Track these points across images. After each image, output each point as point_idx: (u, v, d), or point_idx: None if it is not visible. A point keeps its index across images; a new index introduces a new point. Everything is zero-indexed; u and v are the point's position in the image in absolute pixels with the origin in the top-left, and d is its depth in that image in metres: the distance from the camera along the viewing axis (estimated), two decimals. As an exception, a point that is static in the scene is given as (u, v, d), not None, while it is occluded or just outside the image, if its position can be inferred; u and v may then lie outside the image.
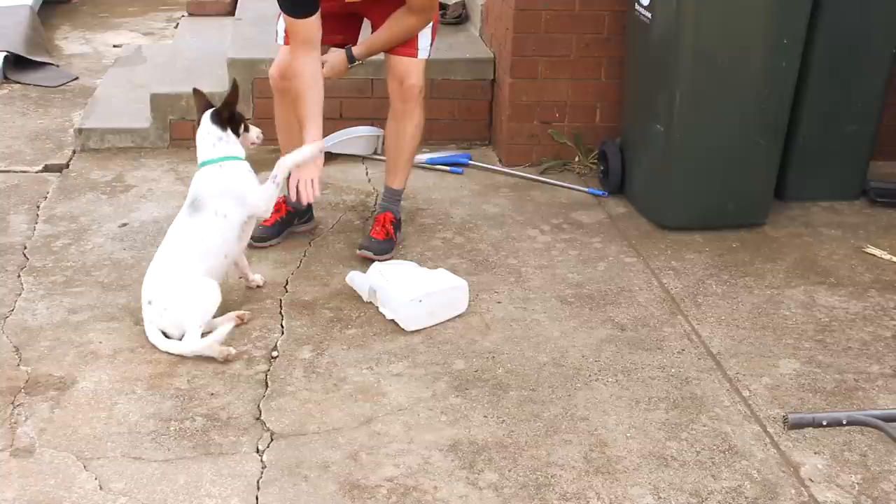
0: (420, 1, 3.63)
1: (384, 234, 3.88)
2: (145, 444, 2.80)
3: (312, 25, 3.49)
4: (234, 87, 3.47)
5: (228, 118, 3.42)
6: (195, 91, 3.54)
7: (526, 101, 4.73)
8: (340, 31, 3.82)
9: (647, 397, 3.08)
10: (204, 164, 3.41)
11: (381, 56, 3.85)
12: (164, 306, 3.21)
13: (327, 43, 3.80)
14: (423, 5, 3.66)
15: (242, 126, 3.50)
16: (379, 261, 3.73)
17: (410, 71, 3.77)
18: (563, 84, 4.72)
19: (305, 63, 3.52)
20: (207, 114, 3.44)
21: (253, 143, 3.57)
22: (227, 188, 3.37)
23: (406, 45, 3.73)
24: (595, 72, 4.70)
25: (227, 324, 3.20)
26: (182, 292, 3.22)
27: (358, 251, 3.83)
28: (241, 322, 3.39)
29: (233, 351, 3.19)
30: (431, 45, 3.81)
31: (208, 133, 3.41)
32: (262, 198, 3.44)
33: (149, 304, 3.24)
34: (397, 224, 3.96)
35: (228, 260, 3.43)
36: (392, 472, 2.72)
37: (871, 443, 2.88)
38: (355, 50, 3.81)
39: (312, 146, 3.52)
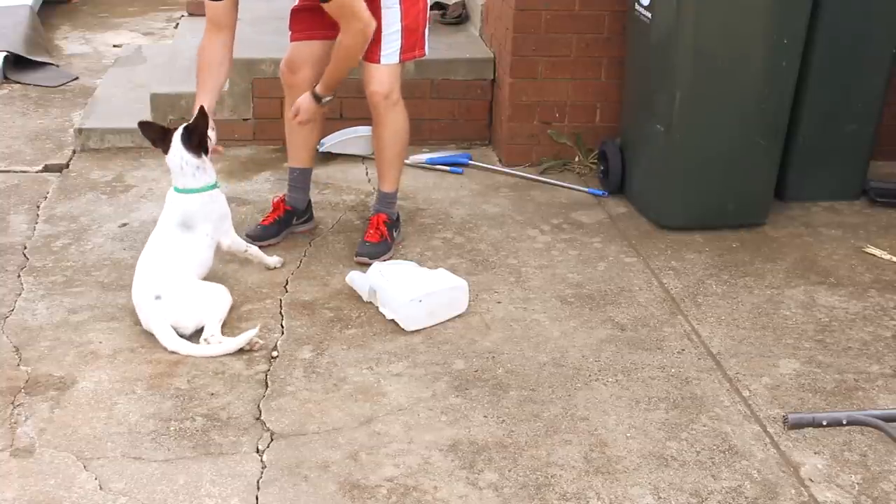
0: (334, 9, 3.48)
1: (378, 236, 3.87)
2: (145, 444, 2.80)
3: (221, 8, 3.64)
4: (202, 114, 3.43)
5: (199, 143, 3.44)
6: (144, 124, 3.55)
7: (526, 101, 4.73)
8: (327, 28, 3.74)
9: (647, 397, 3.08)
10: (188, 191, 3.44)
11: None
12: (176, 303, 3.25)
13: (319, 38, 3.75)
14: (336, 13, 3.49)
15: (207, 140, 3.48)
16: (378, 261, 3.73)
17: (372, 77, 3.72)
18: (563, 84, 4.71)
19: (212, 43, 3.68)
20: (178, 141, 3.41)
21: (215, 151, 3.57)
22: (222, 216, 3.53)
23: (368, 49, 3.62)
24: (595, 72, 4.70)
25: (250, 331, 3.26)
26: (195, 294, 3.30)
27: (355, 258, 3.82)
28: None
29: (260, 341, 3.24)
30: (402, 50, 3.68)
31: (186, 164, 3.42)
32: (235, 241, 3.61)
33: (157, 299, 3.24)
34: (393, 224, 3.95)
35: (208, 271, 3.52)
36: (392, 472, 2.72)
37: (871, 443, 2.88)
38: (318, 88, 3.70)
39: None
